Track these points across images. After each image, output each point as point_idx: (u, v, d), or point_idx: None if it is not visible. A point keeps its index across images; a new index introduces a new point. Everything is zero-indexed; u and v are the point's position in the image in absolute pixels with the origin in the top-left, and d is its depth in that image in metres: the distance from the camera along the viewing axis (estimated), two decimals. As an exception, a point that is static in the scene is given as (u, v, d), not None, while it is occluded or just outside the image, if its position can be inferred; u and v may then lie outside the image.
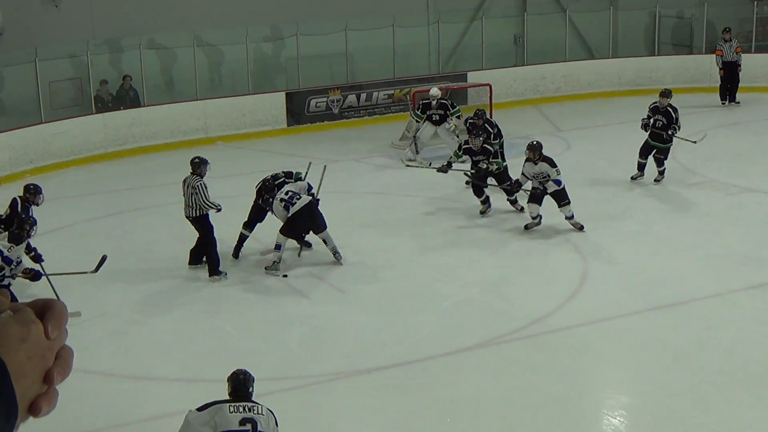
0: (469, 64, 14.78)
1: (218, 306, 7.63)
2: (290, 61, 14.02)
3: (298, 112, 13.31)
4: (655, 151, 10.04)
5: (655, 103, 10.15)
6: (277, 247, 7.81)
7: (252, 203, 8.21)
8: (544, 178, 8.46)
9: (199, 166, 7.77)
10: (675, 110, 9.97)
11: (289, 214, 7.67)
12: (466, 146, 9.21)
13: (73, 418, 5.31)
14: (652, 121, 9.97)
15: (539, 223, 8.65)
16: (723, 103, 13.68)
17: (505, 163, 9.46)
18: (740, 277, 7.67)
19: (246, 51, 13.16)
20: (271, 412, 4.51)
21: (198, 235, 7.83)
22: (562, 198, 8.46)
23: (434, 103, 10.91)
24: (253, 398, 4.56)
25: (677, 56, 15.77)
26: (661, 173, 10.16)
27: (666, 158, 10.09)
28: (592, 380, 6.49)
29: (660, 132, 9.90)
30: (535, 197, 8.54)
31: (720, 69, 13.65)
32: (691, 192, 10.10)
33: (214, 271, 7.72)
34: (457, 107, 11.22)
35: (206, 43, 13.61)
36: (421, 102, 11.33)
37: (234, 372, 4.63)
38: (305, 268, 8.08)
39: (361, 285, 7.74)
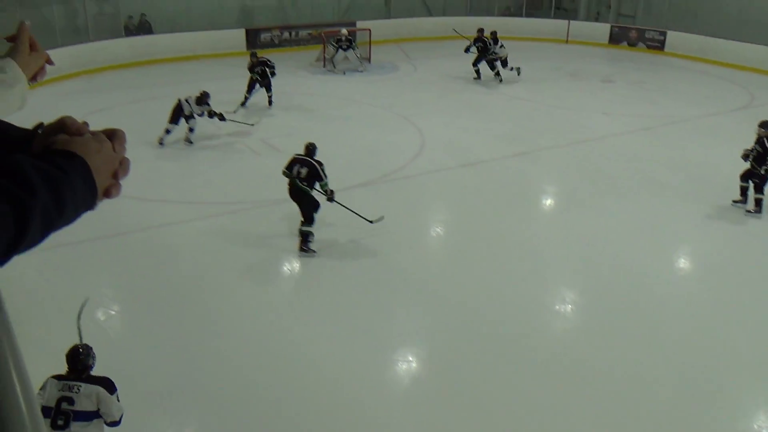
0: (356, 15, 22.79)
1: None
2: (247, 9, 21.87)
3: (253, 41, 20.83)
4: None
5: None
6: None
7: None
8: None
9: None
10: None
11: None
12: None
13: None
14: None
15: None
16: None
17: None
18: (510, 148, 12.71)
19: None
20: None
21: None
22: None
23: (343, 38, 18.60)
24: None
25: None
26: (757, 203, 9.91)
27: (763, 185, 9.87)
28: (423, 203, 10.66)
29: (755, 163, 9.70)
30: None
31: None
32: (486, 96, 16.71)
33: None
34: (355, 41, 18.99)
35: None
36: (335, 37, 18.65)
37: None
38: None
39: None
